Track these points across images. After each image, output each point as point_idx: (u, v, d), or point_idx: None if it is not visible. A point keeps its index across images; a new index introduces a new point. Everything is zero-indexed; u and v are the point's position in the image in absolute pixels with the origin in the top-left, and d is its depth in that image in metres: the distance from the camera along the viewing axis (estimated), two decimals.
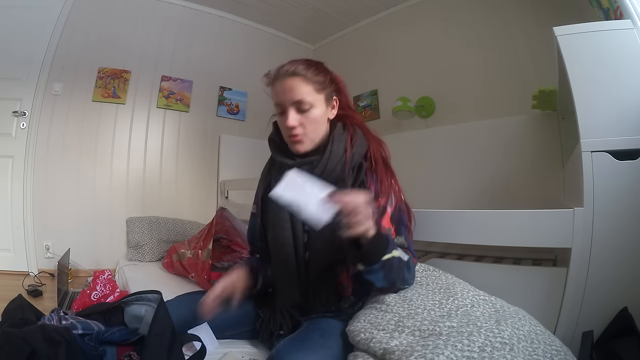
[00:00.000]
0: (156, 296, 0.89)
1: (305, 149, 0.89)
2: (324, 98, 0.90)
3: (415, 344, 0.66)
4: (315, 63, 0.90)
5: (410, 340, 0.68)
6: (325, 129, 0.92)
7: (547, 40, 1.31)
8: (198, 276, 1.69)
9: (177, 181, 2.86)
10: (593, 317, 0.93)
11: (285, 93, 0.87)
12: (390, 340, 0.70)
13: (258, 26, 3.31)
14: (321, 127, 0.90)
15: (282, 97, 0.88)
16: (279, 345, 0.79)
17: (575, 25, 1.02)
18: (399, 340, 0.69)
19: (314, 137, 0.89)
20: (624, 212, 0.91)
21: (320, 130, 0.90)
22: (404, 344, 0.67)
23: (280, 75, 0.88)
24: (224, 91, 3.11)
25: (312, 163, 0.88)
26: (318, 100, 0.88)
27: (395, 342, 0.68)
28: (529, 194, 1.80)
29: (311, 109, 0.87)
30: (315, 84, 0.87)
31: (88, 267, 2.33)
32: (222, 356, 0.90)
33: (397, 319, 0.77)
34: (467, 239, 1.10)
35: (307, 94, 0.86)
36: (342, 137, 0.91)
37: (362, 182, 0.89)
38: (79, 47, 2.47)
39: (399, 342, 0.68)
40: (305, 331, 0.85)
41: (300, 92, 0.86)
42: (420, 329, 0.71)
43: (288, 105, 0.87)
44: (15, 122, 2.31)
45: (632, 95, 0.95)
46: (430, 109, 2.60)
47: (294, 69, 0.86)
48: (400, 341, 0.69)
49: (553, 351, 0.65)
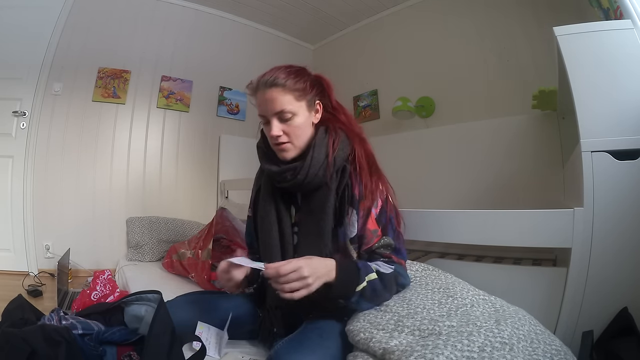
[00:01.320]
0: (156, 296, 0.89)
1: (292, 156, 0.91)
2: (306, 105, 0.90)
3: (415, 343, 0.66)
4: (295, 70, 0.90)
5: (410, 340, 0.68)
6: (311, 134, 0.93)
7: (547, 40, 1.31)
8: (198, 276, 1.69)
9: (177, 181, 2.86)
10: (593, 317, 0.93)
11: (267, 104, 0.88)
12: (390, 340, 0.70)
13: (258, 26, 3.31)
14: (305, 133, 0.91)
15: (264, 108, 0.89)
16: (277, 345, 0.79)
17: (575, 26, 1.02)
18: (399, 340, 0.69)
19: (298, 143, 0.90)
20: (624, 212, 0.91)
21: (304, 136, 0.91)
22: (403, 343, 0.67)
23: (260, 86, 0.88)
24: (224, 91, 3.11)
25: (295, 169, 0.89)
26: (299, 107, 0.89)
27: (394, 342, 0.68)
28: (529, 194, 1.80)
29: (293, 117, 0.88)
30: (295, 92, 0.88)
31: (88, 267, 2.33)
32: (222, 356, 0.90)
33: (396, 319, 0.77)
34: (467, 239, 1.10)
35: (287, 103, 0.87)
36: (323, 142, 0.91)
37: (346, 185, 0.90)
38: (79, 47, 2.47)
39: (398, 341, 0.68)
40: (304, 331, 0.86)
41: (281, 103, 0.86)
42: (419, 328, 0.71)
43: (270, 116, 0.88)
44: (15, 122, 2.31)
45: (632, 96, 0.95)
46: (430, 109, 2.60)
47: (272, 79, 0.87)
48: (399, 341, 0.69)
49: (553, 351, 0.65)
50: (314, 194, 0.91)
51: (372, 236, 0.89)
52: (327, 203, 0.89)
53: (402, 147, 2.39)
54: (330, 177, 0.90)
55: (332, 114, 0.96)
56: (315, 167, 0.88)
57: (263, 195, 1.00)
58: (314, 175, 0.88)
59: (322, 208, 0.89)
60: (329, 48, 3.54)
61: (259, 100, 0.90)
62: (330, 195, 0.89)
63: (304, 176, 0.88)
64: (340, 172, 0.91)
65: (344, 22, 3.23)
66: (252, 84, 0.91)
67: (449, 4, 2.59)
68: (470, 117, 2.30)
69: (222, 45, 3.12)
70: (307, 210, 0.93)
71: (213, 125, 3.04)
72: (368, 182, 0.90)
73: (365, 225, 0.88)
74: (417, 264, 1.06)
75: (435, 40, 2.65)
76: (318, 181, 0.89)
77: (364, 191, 0.89)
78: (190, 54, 2.94)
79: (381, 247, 0.89)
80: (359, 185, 0.90)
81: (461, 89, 2.46)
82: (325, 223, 0.88)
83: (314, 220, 0.90)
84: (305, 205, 0.93)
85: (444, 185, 2.13)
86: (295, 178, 0.89)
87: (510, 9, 2.27)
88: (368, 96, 3.10)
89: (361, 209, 0.88)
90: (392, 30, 2.97)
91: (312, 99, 0.92)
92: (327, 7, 2.99)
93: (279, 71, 0.88)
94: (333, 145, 0.90)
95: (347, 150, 0.93)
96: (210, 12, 3.06)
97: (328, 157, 0.89)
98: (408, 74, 2.80)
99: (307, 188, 0.91)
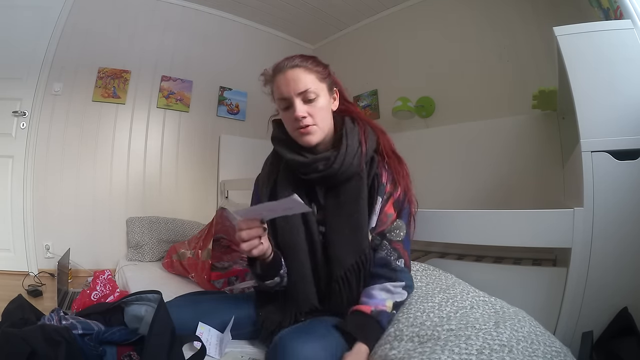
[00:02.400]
0: (156, 296, 0.89)
1: (317, 140, 0.88)
2: (327, 87, 0.91)
3: (413, 350, 0.66)
4: (310, 56, 0.91)
5: (409, 347, 0.68)
6: (331, 121, 0.92)
7: (547, 40, 1.32)
8: (198, 276, 1.69)
9: (177, 181, 2.86)
10: (593, 317, 0.93)
11: (289, 85, 0.86)
12: (390, 350, 0.70)
13: (258, 26, 3.31)
14: (328, 116, 0.91)
15: (286, 90, 0.87)
16: (282, 332, 0.76)
17: (575, 25, 1.02)
18: (398, 350, 0.69)
19: (323, 126, 0.89)
20: (624, 212, 0.91)
21: (328, 120, 0.90)
22: (402, 351, 0.68)
23: (282, 68, 0.87)
24: (224, 91, 3.11)
25: (329, 159, 0.87)
26: (322, 89, 0.89)
27: (394, 352, 0.69)
28: (529, 194, 1.80)
29: (317, 98, 0.87)
30: (317, 73, 0.88)
31: (88, 267, 2.33)
32: (222, 356, 0.90)
33: (396, 327, 0.77)
34: (467, 239, 1.10)
35: (311, 82, 0.86)
36: (354, 131, 0.91)
37: (375, 174, 0.90)
38: (79, 47, 2.47)
39: (397, 351, 0.69)
40: (310, 323, 0.85)
41: (305, 82, 0.86)
42: (419, 334, 0.71)
43: (294, 96, 0.86)
44: (15, 122, 2.31)
45: (632, 96, 0.95)
46: (430, 109, 2.60)
47: (293, 62, 0.87)
48: (399, 350, 0.69)
49: (553, 352, 0.65)
50: (344, 185, 0.89)
51: (387, 219, 0.89)
52: (361, 194, 0.87)
53: (402, 147, 2.34)
54: (362, 168, 0.89)
55: (346, 105, 0.97)
56: (350, 155, 0.87)
57: (283, 191, 0.92)
58: (350, 164, 0.87)
59: (356, 200, 0.87)
60: (329, 48, 3.54)
61: (279, 82, 0.88)
62: (363, 185, 0.88)
63: (340, 165, 0.86)
64: (369, 163, 0.91)
65: (344, 22, 3.23)
66: (268, 71, 0.91)
67: (449, 4, 2.59)
68: (470, 117, 2.30)
69: (222, 45, 3.12)
70: (335, 205, 0.89)
71: (213, 125, 3.04)
72: (397, 170, 0.91)
73: (383, 208, 0.88)
74: (417, 264, 1.06)
75: (435, 40, 2.65)
76: (352, 171, 0.88)
77: (393, 178, 0.90)
78: (190, 54, 2.94)
79: (393, 230, 0.89)
80: (388, 174, 0.91)
81: (461, 89, 2.46)
82: (361, 215, 0.86)
83: (346, 214, 0.87)
84: (333, 199, 0.90)
85: (444, 185, 2.12)
86: (329, 168, 0.86)
87: (510, 9, 2.27)
88: (368, 96, 3.10)
89: (385, 194, 0.89)
90: (392, 30, 2.97)
91: (331, 84, 0.92)
92: (327, 7, 2.99)
93: (296, 56, 0.88)
94: (364, 135, 0.90)
95: (375, 140, 0.93)
96: (210, 12, 3.06)
97: (361, 146, 0.89)
98: (408, 74, 2.79)
99: (339, 179, 0.88)
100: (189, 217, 2.71)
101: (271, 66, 0.91)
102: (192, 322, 0.93)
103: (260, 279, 0.89)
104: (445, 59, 2.57)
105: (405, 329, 0.75)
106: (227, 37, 3.15)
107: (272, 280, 0.88)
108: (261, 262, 0.85)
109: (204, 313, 0.97)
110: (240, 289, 1.44)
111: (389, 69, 2.96)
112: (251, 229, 0.75)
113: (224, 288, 1.55)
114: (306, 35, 3.50)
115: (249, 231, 0.75)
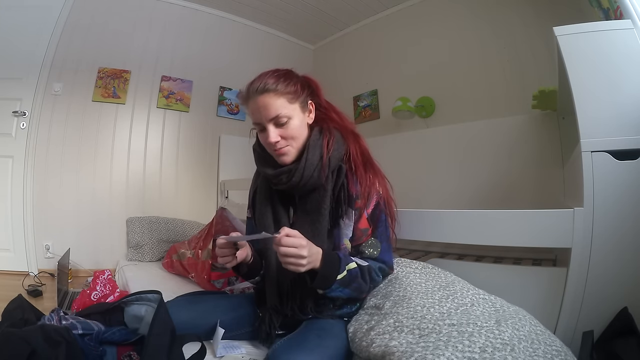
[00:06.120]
0: (156, 296, 0.90)
1: (292, 158, 0.91)
2: (299, 106, 0.90)
3: (415, 344, 0.66)
4: (283, 73, 0.90)
5: (410, 340, 0.68)
6: (307, 135, 0.93)
7: (547, 40, 1.31)
8: (198, 276, 1.69)
9: (177, 181, 2.86)
10: (593, 317, 0.93)
11: (260, 111, 0.87)
12: (390, 341, 0.70)
13: (258, 26, 3.31)
14: (302, 134, 0.91)
15: (257, 117, 0.88)
16: (275, 344, 0.80)
17: (575, 25, 1.02)
18: (399, 341, 0.69)
19: (298, 145, 0.90)
20: (624, 212, 0.91)
21: (301, 138, 0.91)
22: (403, 344, 0.67)
23: (252, 94, 0.88)
24: (224, 91, 3.11)
25: (290, 172, 0.89)
26: (293, 110, 0.88)
27: (394, 343, 0.68)
28: (529, 193, 1.80)
29: (289, 121, 0.87)
30: (288, 95, 0.87)
31: (88, 267, 2.33)
32: (222, 356, 0.90)
33: (395, 318, 0.77)
34: (467, 239, 1.10)
35: (282, 107, 0.86)
36: (317, 144, 0.91)
37: (342, 185, 0.90)
38: (79, 47, 2.47)
39: (398, 342, 0.68)
40: (303, 331, 0.86)
41: (276, 107, 0.86)
42: (419, 327, 0.71)
43: (266, 123, 0.87)
44: (15, 122, 2.31)
45: (632, 96, 0.95)
46: (430, 109, 2.60)
47: (263, 85, 0.86)
48: (399, 341, 0.69)
49: (553, 351, 0.65)
50: (310, 195, 0.91)
51: (361, 235, 0.90)
52: (322, 205, 0.89)
53: (402, 147, 2.39)
54: (326, 179, 0.90)
55: (323, 112, 0.97)
56: (309, 169, 0.88)
57: (260, 197, 1.00)
58: (309, 177, 0.88)
59: (318, 209, 0.89)
60: (329, 48, 3.54)
61: (251, 108, 0.89)
62: (325, 196, 0.89)
63: (299, 178, 0.88)
64: (336, 173, 0.91)
65: (344, 22, 3.23)
66: (242, 93, 0.91)
67: (449, 4, 2.59)
68: (470, 117, 2.30)
69: (222, 45, 3.12)
70: (303, 211, 0.93)
71: (213, 125, 3.04)
72: (364, 180, 0.91)
73: (357, 224, 0.90)
74: (416, 263, 1.06)
75: (435, 40, 2.65)
76: (313, 183, 0.89)
77: (360, 190, 0.90)
78: (190, 54, 2.94)
79: (368, 247, 0.91)
80: (355, 184, 0.90)
81: (461, 89, 2.46)
82: (320, 225, 0.88)
83: (310, 222, 0.90)
84: (302, 206, 0.93)
85: (444, 185, 2.12)
86: (290, 180, 0.89)
87: (511, 9, 2.27)
88: (368, 96, 3.10)
89: (356, 207, 0.89)
90: (392, 30, 2.97)
91: (305, 99, 0.92)
92: (327, 7, 2.99)
93: (267, 77, 0.87)
94: (328, 146, 0.90)
95: (342, 150, 0.93)
96: (211, 11, 3.06)
97: (322, 158, 0.89)
98: (408, 74, 2.80)
99: (303, 190, 0.91)
100: (188, 217, 2.71)
101: (245, 86, 0.90)
102: (192, 322, 0.94)
103: (245, 277, 0.98)
104: (445, 58, 2.58)
105: (405, 321, 0.75)
106: (228, 37, 3.15)
107: (254, 279, 0.98)
108: (245, 265, 0.93)
109: (204, 313, 0.97)
110: (240, 289, 1.44)
111: (389, 69, 2.96)
112: (224, 249, 0.84)
113: (224, 288, 1.55)
114: (306, 35, 3.50)
115: (224, 250, 0.85)
